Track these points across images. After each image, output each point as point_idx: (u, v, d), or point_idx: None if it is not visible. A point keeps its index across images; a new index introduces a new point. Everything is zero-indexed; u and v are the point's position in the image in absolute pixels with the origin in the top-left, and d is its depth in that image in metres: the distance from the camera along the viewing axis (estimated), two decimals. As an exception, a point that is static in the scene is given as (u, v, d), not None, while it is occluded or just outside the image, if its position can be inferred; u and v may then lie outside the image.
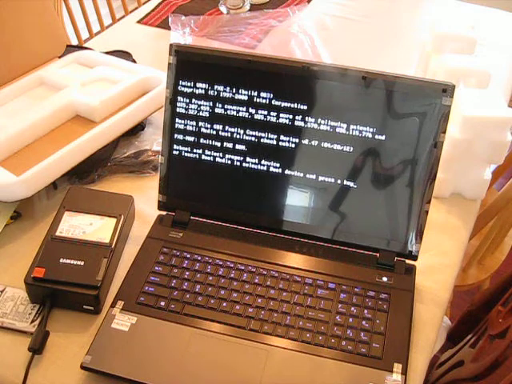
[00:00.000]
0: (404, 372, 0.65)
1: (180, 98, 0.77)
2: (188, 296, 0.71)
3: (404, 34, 1.29)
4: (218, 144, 0.78)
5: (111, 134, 0.90)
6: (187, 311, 0.70)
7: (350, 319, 0.69)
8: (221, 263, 0.75)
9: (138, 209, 0.84)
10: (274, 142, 0.76)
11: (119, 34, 1.30)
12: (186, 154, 0.79)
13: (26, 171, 0.81)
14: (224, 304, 0.71)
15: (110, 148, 0.92)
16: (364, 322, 0.69)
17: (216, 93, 0.76)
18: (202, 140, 0.78)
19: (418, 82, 0.71)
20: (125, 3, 1.70)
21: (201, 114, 0.77)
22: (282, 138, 0.75)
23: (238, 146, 0.77)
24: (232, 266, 0.75)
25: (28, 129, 0.89)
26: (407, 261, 0.76)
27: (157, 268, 0.74)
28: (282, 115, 0.75)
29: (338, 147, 0.74)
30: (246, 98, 0.75)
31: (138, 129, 0.98)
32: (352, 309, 0.70)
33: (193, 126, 0.78)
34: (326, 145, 0.74)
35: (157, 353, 0.66)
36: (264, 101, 0.75)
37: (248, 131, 0.76)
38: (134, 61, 1.12)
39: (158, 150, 0.95)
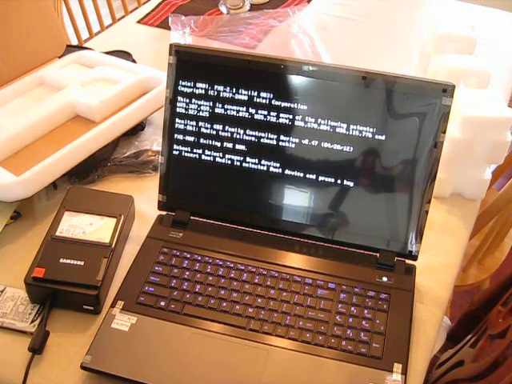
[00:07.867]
0: (404, 372, 0.65)
1: (180, 98, 0.77)
2: (188, 296, 0.71)
3: (404, 34, 1.29)
4: (218, 144, 0.77)
5: (111, 134, 0.90)
6: (187, 311, 0.70)
7: (350, 319, 0.69)
8: (221, 263, 0.75)
9: (138, 209, 0.84)
10: (274, 142, 0.76)
11: (119, 34, 1.30)
12: (186, 154, 0.79)
13: (25, 171, 0.81)
14: (224, 304, 0.71)
15: (109, 148, 0.92)
16: (364, 322, 0.69)
17: (216, 93, 0.76)
18: (201, 140, 0.78)
19: (417, 82, 0.71)
20: (125, 3, 1.70)
21: (201, 113, 0.77)
22: (281, 138, 0.75)
23: (237, 146, 0.77)
24: (232, 266, 0.75)
25: (28, 129, 0.89)
26: (407, 261, 0.76)
27: (157, 268, 0.74)
28: (281, 115, 0.75)
29: (338, 147, 0.74)
30: (245, 98, 0.75)
31: (138, 129, 0.98)
32: (352, 309, 0.70)
33: (193, 125, 0.78)
34: (325, 145, 0.74)
35: (157, 353, 0.66)
36: (264, 101, 0.75)
37: (248, 131, 0.76)
38: (134, 61, 1.12)
39: (158, 150, 0.95)
